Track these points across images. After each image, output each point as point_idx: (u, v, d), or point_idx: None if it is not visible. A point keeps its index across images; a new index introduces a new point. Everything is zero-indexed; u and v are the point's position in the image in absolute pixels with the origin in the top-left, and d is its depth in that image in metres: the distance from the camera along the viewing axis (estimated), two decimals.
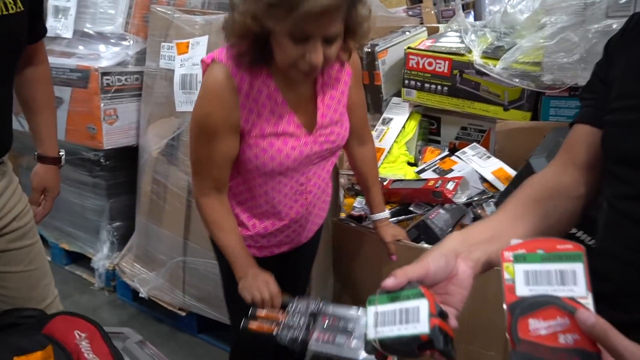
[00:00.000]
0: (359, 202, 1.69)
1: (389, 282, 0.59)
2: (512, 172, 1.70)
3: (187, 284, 2.08)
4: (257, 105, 1.09)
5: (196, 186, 1.20)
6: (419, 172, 1.78)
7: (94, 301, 2.43)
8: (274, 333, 0.91)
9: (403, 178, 1.76)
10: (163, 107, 2.13)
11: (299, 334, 0.90)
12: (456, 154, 1.84)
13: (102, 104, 2.17)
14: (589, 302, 0.50)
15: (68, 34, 2.29)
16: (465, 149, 1.84)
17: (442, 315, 0.56)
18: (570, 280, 0.51)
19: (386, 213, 1.42)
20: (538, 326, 0.49)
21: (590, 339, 0.48)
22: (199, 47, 1.87)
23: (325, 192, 1.34)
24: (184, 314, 2.14)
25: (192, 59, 1.90)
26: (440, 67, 1.85)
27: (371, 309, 0.57)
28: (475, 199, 1.58)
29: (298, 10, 0.90)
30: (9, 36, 1.11)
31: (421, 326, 0.54)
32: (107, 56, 2.24)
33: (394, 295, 0.57)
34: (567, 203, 0.76)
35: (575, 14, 1.50)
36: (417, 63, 1.88)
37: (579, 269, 0.51)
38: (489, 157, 1.78)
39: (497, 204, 1.52)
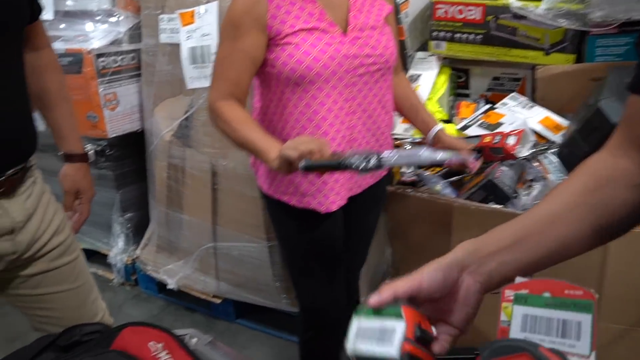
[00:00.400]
0: (407, 167, 1.59)
1: (373, 299, 0.53)
2: (560, 120, 1.62)
3: (220, 270, 1.98)
4: (286, 2, 1.08)
5: (213, 91, 1.15)
6: (462, 129, 1.68)
7: (117, 298, 2.31)
8: (341, 161, 0.93)
9: None
10: (169, 85, 1.96)
11: (370, 155, 0.94)
12: (496, 105, 1.74)
13: (100, 89, 1.98)
14: None
15: (49, 15, 2.06)
16: (505, 100, 1.74)
17: (423, 339, 0.51)
18: (574, 333, 0.46)
19: (440, 124, 1.37)
20: None
21: None
22: (208, 15, 1.69)
23: (381, 126, 1.24)
24: (219, 301, 2.05)
25: (200, 29, 1.72)
26: (472, 14, 1.72)
27: (355, 321, 0.53)
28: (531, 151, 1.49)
29: None
30: None
31: (392, 350, 0.49)
32: (96, 35, 2.03)
33: (378, 311, 0.53)
34: (627, 193, 0.59)
35: None
36: (446, 12, 1.75)
37: (585, 321, 0.45)
38: (532, 106, 1.69)
39: (560, 155, 1.44)
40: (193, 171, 1.90)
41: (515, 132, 1.43)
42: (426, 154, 0.97)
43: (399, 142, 1.58)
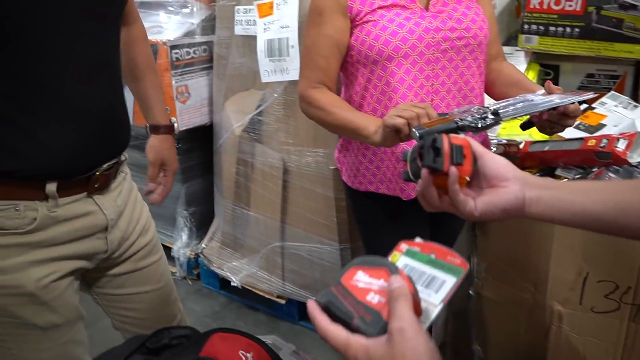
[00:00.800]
0: None
1: None
2: None
3: (287, 271, 1.92)
4: None
5: (303, 79, 1.16)
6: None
7: (179, 292, 2.24)
8: (456, 121, 0.89)
9: (544, 139, 1.53)
10: (241, 78, 1.92)
11: (483, 111, 0.91)
12: (594, 105, 1.59)
13: (173, 81, 1.96)
14: (434, 310, 0.51)
15: None
16: (604, 99, 1.59)
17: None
18: (435, 287, 0.53)
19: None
20: (360, 279, 0.53)
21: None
22: (288, 7, 1.63)
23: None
24: (283, 301, 2.00)
25: (279, 21, 1.66)
26: (571, 5, 1.58)
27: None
28: None
29: None
30: None
31: None
32: (170, 27, 2.02)
33: None
34: None
35: None
36: (541, 3, 1.62)
37: (449, 282, 0.53)
38: (636, 107, 1.54)
39: None
40: (263, 167, 1.86)
41: (626, 135, 1.29)
42: (541, 98, 0.93)
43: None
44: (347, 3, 1.10)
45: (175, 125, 1.26)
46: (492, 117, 0.95)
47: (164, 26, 2.01)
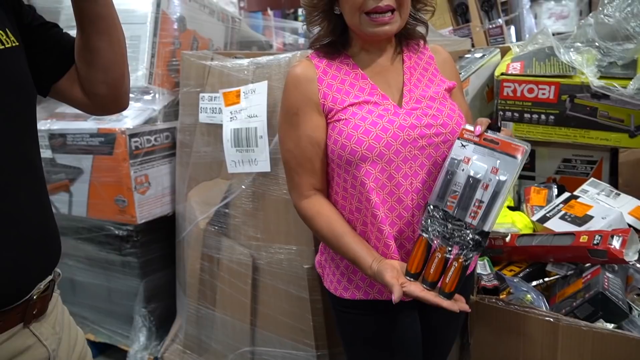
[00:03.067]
0: (483, 267, 1.37)
1: None
2: None
3: None
4: (336, 81, 1.05)
5: (294, 189, 1.11)
6: (541, 221, 1.47)
7: None
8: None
9: (528, 232, 1.45)
10: (206, 168, 1.80)
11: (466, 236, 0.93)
12: (575, 192, 1.54)
13: (132, 171, 1.82)
14: None
15: None
16: (585, 187, 1.55)
17: None
18: None
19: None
20: None
21: None
22: (256, 96, 1.55)
23: None
24: None
25: (246, 110, 1.58)
26: (544, 94, 1.56)
27: None
28: None
29: None
30: (5, 72, 0.79)
31: None
32: (130, 114, 1.90)
33: None
34: None
35: None
36: (514, 91, 1.60)
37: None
38: (618, 195, 1.49)
39: None
40: (231, 264, 1.70)
41: (619, 231, 1.22)
42: (468, 170, 0.94)
43: None
44: (320, 101, 1.04)
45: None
46: (479, 237, 0.91)
47: (124, 113, 1.90)
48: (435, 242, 0.95)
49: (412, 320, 1.10)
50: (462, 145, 0.97)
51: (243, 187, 1.63)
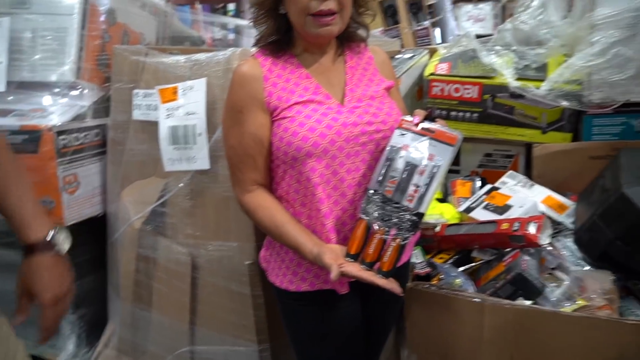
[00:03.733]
0: (416, 256, 1.46)
1: None
2: (562, 199, 1.57)
3: None
4: (281, 80, 1.08)
5: (236, 184, 1.13)
6: (466, 211, 1.59)
7: None
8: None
9: (455, 222, 1.56)
10: (141, 166, 1.76)
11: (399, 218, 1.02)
12: (495, 184, 1.67)
13: (59, 171, 1.74)
14: None
15: (0, 86, 1.83)
16: (504, 178, 1.69)
17: None
18: None
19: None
20: None
21: None
22: (194, 93, 1.54)
23: None
24: None
25: (184, 107, 1.56)
26: (468, 93, 1.68)
27: None
28: None
29: None
30: None
31: None
32: (56, 110, 1.81)
33: None
34: None
35: (627, 28, 1.41)
36: (442, 90, 1.71)
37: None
38: (532, 185, 1.64)
39: (579, 241, 1.37)
40: (168, 264, 1.67)
41: (534, 218, 1.35)
42: (406, 156, 1.02)
43: None
44: (265, 99, 1.06)
45: (54, 236, 1.05)
46: (415, 218, 1.00)
47: (50, 109, 1.80)
48: (374, 224, 1.02)
49: (354, 309, 1.16)
50: (401, 134, 1.05)
51: (181, 185, 1.61)
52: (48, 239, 1.00)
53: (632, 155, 1.38)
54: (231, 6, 4.35)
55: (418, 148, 1.03)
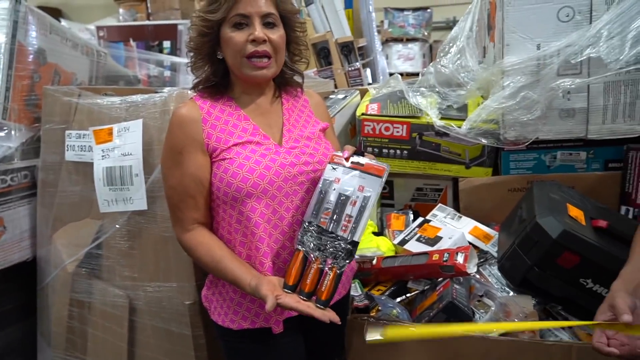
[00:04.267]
0: (354, 289, 1.51)
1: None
2: (488, 230, 1.70)
3: None
4: (220, 122, 1.12)
5: (176, 223, 1.15)
6: (401, 244, 1.67)
7: None
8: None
9: (391, 255, 1.63)
10: (74, 208, 1.71)
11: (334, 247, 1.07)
12: (427, 217, 1.78)
13: None
14: None
15: None
16: (435, 211, 1.80)
17: None
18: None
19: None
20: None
21: None
22: (130, 134, 1.54)
23: None
24: None
25: (120, 149, 1.55)
26: (398, 131, 1.79)
27: None
28: None
29: None
30: None
31: None
32: None
33: None
34: None
35: (531, 74, 1.57)
36: (374, 129, 1.81)
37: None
38: (460, 217, 1.76)
39: (502, 269, 1.48)
40: (104, 307, 1.63)
41: (462, 248, 1.44)
42: (338, 188, 1.08)
43: None
44: (204, 141, 1.10)
45: None
46: (350, 247, 1.06)
47: None
48: (311, 254, 1.06)
49: (296, 345, 1.18)
50: (333, 168, 1.12)
51: (117, 226, 1.59)
52: None
53: (543, 187, 1.52)
54: (167, 44, 4.35)
55: (349, 181, 1.10)
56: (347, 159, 1.12)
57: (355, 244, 1.05)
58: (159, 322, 1.57)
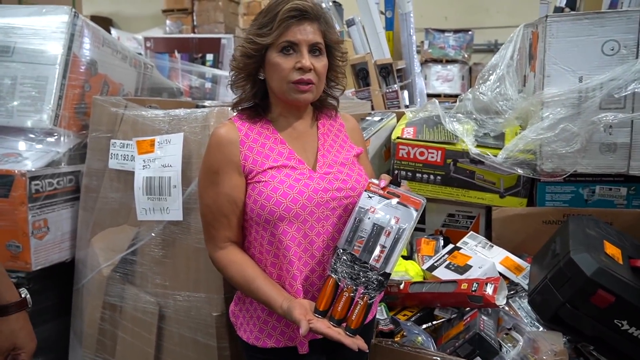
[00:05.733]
0: (380, 312, 1.51)
1: None
2: (519, 261, 1.67)
3: None
4: (257, 144, 1.14)
5: (209, 241, 1.18)
6: (429, 270, 1.66)
7: None
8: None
9: (419, 280, 1.62)
10: (113, 214, 1.78)
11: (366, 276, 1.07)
12: (458, 244, 1.76)
13: (30, 216, 1.74)
14: None
15: None
16: (466, 239, 1.78)
17: None
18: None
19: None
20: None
21: None
22: (171, 147, 1.59)
23: None
24: None
25: (160, 160, 1.61)
26: (432, 157, 1.79)
27: None
28: None
29: (279, 13, 1.08)
30: None
31: None
32: (31, 156, 1.83)
33: None
34: None
35: (572, 106, 1.55)
36: (408, 153, 1.81)
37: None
38: (491, 247, 1.73)
39: (532, 303, 1.45)
40: (135, 313, 1.67)
41: (492, 279, 1.43)
42: (373, 218, 1.09)
43: None
44: (240, 162, 1.13)
45: (28, 297, 1.11)
46: (382, 278, 1.06)
47: (24, 155, 1.82)
48: (343, 282, 1.07)
49: None
50: (369, 196, 1.13)
51: (153, 234, 1.64)
52: (22, 296, 1.06)
53: (580, 222, 1.49)
54: (209, 56, 4.48)
55: (384, 210, 1.11)
56: (383, 189, 1.13)
57: (387, 276, 1.05)
58: (186, 331, 1.60)
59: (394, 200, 1.11)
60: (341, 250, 1.10)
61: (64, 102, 1.91)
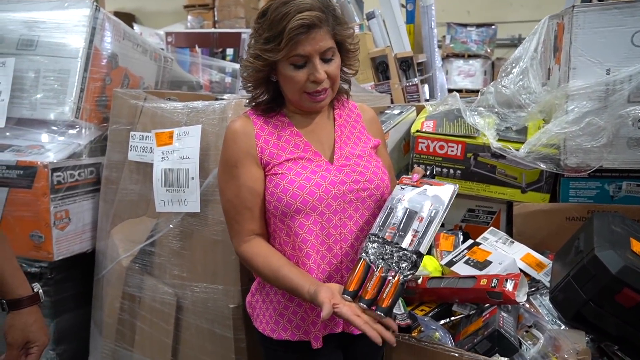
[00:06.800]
0: (397, 307, 1.49)
1: None
2: (541, 258, 1.63)
3: None
4: (273, 137, 1.14)
5: (235, 235, 1.16)
6: (448, 265, 1.63)
7: None
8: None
9: (437, 275, 1.60)
10: (132, 205, 1.80)
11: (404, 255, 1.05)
12: (477, 239, 1.73)
13: (52, 207, 1.77)
14: None
15: (0, 122, 1.89)
16: (486, 234, 1.74)
17: None
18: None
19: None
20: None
21: None
22: (189, 139, 1.60)
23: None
24: None
25: (178, 152, 1.62)
26: (452, 151, 1.76)
27: None
28: None
29: (286, 30, 1.02)
30: None
31: None
32: (53, 148, 1.86)
33: None
34: None
35: (598, 100, 1.50)
36: (427, 147, 1.78)
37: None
38: (512, 243, 1.70)
39: (554, 300, 1.42)
40: (153, 303, 1.69)
41: (512, 275, 1.39)
42: (406, 205, 1.08)
43: None
44: (258, 154, 1.12)
45: (40, 291, 1.13)
46: (415, 257, 1.05)
47: (47, 146, 1.85)
48: (374, 263, 1.05)
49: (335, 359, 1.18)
50: (402, 188, 1.12)
51: (171, 226, 1.65)
52: (35, 291, 1.10)
53: (605, 219, 1.45)
54: (230, 51, 4.50)
55: (417, 198, 1.11)
56: (417, 182, 1.13)
57: (420, 255, 1.04)
58: (203, 322, 1.61)
59: (426, 188, 1.10)
60: (373, 236, 1.09)
61: (86, 95, 1.93)
